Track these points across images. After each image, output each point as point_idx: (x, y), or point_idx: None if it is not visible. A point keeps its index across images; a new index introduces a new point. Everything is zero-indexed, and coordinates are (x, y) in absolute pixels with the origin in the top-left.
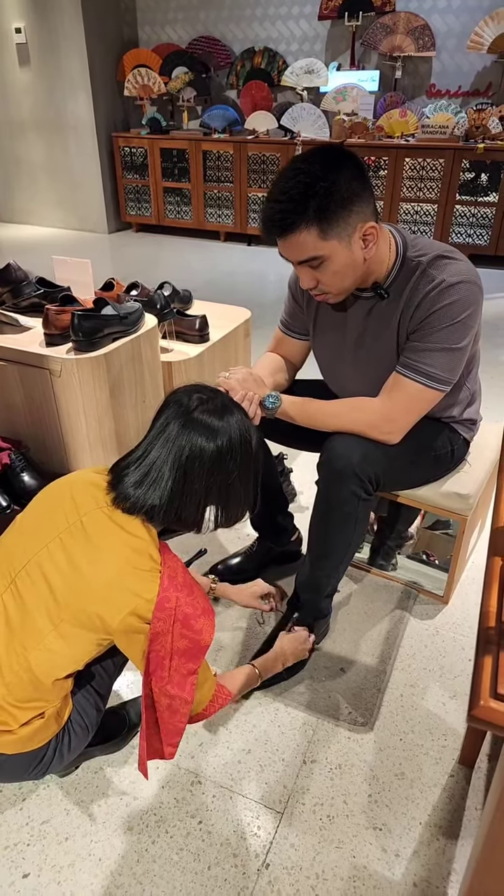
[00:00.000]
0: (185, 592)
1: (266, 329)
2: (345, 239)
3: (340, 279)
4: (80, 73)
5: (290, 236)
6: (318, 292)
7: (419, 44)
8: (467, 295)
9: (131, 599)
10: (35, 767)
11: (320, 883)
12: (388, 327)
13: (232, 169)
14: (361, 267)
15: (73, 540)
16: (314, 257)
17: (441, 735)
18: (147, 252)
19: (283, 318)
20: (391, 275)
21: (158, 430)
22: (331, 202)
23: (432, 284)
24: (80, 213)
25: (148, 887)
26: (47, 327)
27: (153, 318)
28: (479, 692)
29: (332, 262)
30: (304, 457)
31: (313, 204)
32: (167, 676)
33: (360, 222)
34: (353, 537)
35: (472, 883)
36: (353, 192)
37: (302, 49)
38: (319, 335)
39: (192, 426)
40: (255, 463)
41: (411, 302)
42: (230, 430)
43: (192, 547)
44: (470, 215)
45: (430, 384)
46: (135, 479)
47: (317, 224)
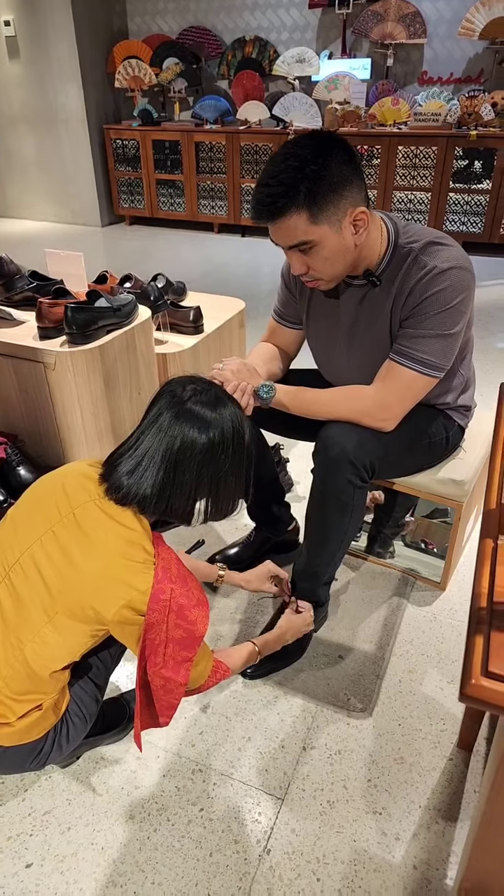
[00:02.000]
0: (179, 584)
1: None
2: (335, 224)
3: (331, 265)
4: (70, 66)
5: (281, 220)
6: (310, 279)
7: (410, 31)
8: (459, 280)
9: (125, 591)
10: (34, 759)
11: (321, 867)
12: (381, 315)
13: (224, 160)
14: (352, 253)
15: (66, 532)
16: (304, 242)
17: (439, 719)
18: (140, 245)
19: (277, 307)
20: (383, 262)
21: (151, 421)
22: (321, 187)
23: (424, 271)
24: (72, 206)
25: (150, 875)
26: (40, 320)
27: (147, 310)
28: (470, 671)
29: (322, 247)
30: (301, 447)
31: (303, 188)
32: (161, 662)
33: (350, 207)
34: (350, 525)
35: (470, 863)
36: (343, 176)
37: (293, 38)
38: (313, 323)
39: (184, 417)
40: (247, 457)
41: (403, 289)
42: (223, 423)
43: (190, 538)
44: (463, 203)
45: (424, 370)
46: (126, 470)
47: (307, 208)
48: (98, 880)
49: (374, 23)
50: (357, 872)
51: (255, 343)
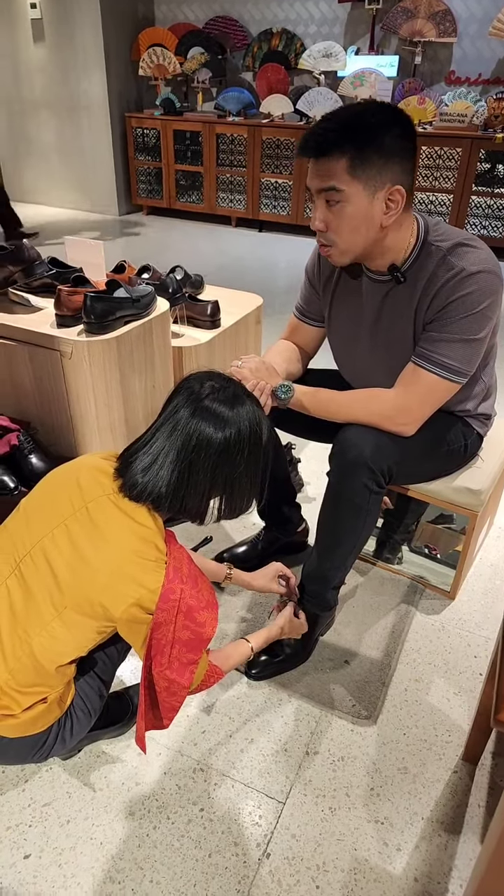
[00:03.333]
0: (189, 584)
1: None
2: (370, 188)
3: (350, 230)
4: (94, 51)
5: (322, 159)
6: (325, 241)
7: (440, 29)
8: (487, 285)
9: (135, 590)
10: (37, 751)
11: (321, 874)
12: (405, 314)
13: (245, 153)
14: (375, 230)
15: (79, 527)
16: (335, 189)
17: (445, 731)
18: (157, 235)
19: (299, 304)
20: (410, 258)
21: (167, 417)
22: (372, 144)
23: (452, 272)
24: (90, 194)
25: (149, 872)
26: (59, 308)
27: (165, 302)
28: None
29: (348, 204)
30: (312, 447)
31: (355, 138)
32: (167, 663)
33: (390, 182)
34: (363, 530)
35: (481, 885)
36: (395, 149)
37: (320, 32)
38: (335, 320)
39: (201, 415)
40: (264, 457)
41: (429, 290)
42: (240, 422)
43: (197, 534)
44: (486, 206)
45: (447, 375)
46: (141, 467)
47: (350, 157)
48: (96, 875)
49: (404, 19)
50: (357, 882)
51: (270, 339)
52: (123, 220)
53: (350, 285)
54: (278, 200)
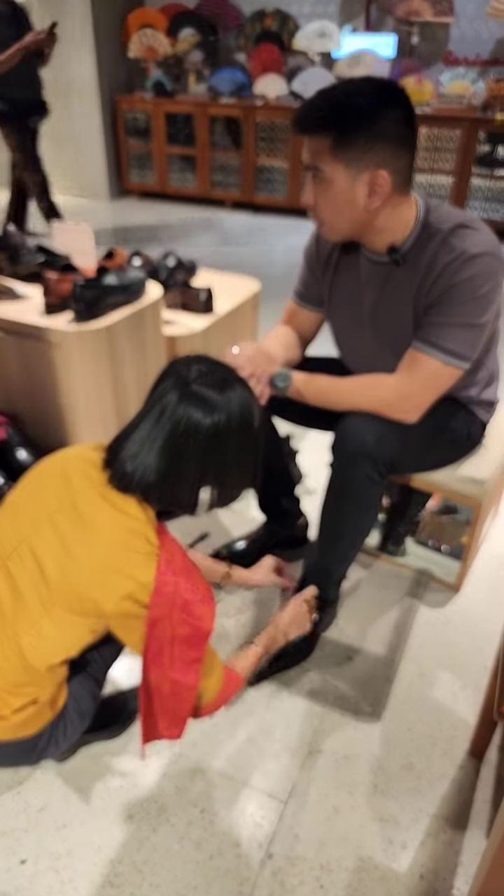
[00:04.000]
0: (184, 577)
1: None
2: (352, 170)
3: (333, 209)
4: (83, 33)
5: (309, 136)
6: (314, 217)
7: (437, 9)
8: (488, 268)
9: (126, 582)
10: (29, 755)
11: (325, 874)
12: (405, 297)
13: (241, 135)
14: (360, 212)
15: (66, 521)
16: (317, 168)
17: (450, 726)
18: (150, 220)
19: (298, 288)
20: (410, 239)
21: (154, 403)
22: (358, 126)
23: (453, 255)
24: (80, 178)
25: (148, 876)
26: (47, 296)
27: (157, 289)
28: None
29: (329, 185)
30: (312, 438)
31: (339, 117)
32: (169, 663)
33: (374, 165)
34: (366, 522)
35: (486, 880)
36: (385, 132)
37: (315, 11)
38: (335, 304)
39: (189, 399)
40: (255, 443)
41: (430, 272)
42: (229, 406)
43: (195, 530)
44: (486, 189)
45: (450, 360)
46: (128, 455)
47: (333, 137)
48: (94, 880)
49: None
50: (362, 881)
51: (268, 325)
52: (115, 205)
53: (349, 268)
54: (274, 184)
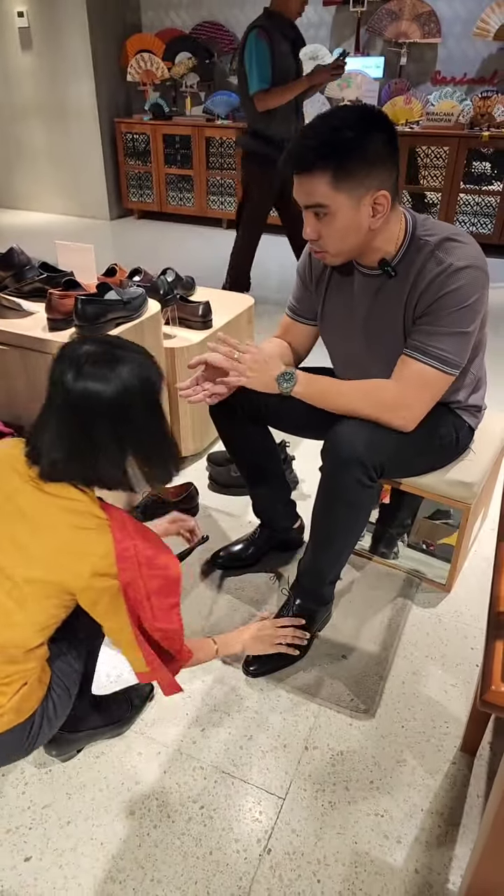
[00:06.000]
0: (139, 537)
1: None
2: (355, 198)
3: (340, 238)
4: (82, 58)
5: (304, 175)
6: (317, 248)
7: (425, 30)
8: (474, 280)
9: (86, 561)
10: (27, 739)
11: (322, 868)
12: (395, 307)
13: (235, 155)
14: (364, 234)
15: (10, 521)
16: (320, 205)
17: (443, 722)
18: (149, 239)
19: (291, 303)
20: (399, 252)
21: (53, 390)
22: (352, 155)
23: (440, 268)
24: (81, 199)
25: (150, 871)
26: (50, 312)
27: (156, 304)
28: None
29: (334, 217)
30: (307, 445)
31: (334, 152)
32: (152, 616)
33: (374, 188)
34: (357, 525)
35: (477, 871)
36: (377, 155)
37: (307, 35)
38: (328, 317)
39: (84, 377)
40: (161, 412)
41: (418, 283)
42: (124, 377)
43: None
44: (474, 204)
45: (443, 368)
46: (44, 446)
47: (332, 171)
48: (97, 876)
49: (389, 21)
50: (358, 875)
51: (263, 339)
52: (115, 225)
53: (342, 282)
54: None
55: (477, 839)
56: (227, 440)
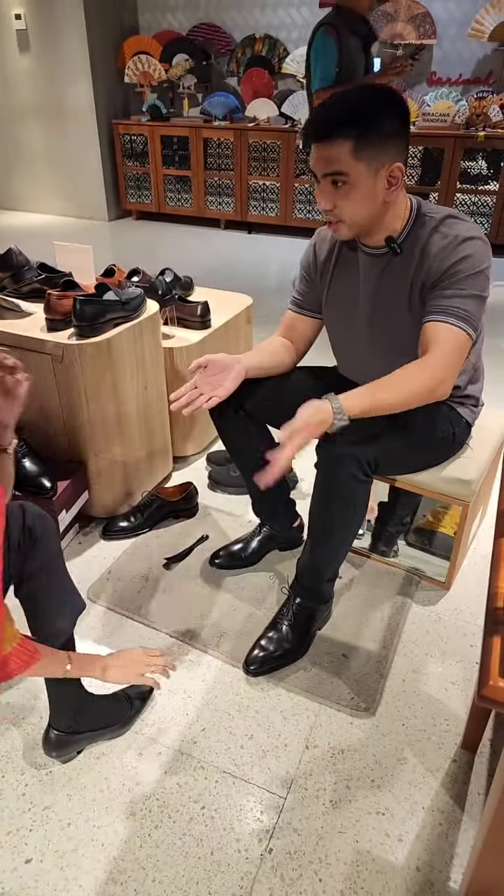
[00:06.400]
0: None
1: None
2: (372, 168)
3: (356, 208)
4: (80, 60)
5: (326, 144)
6: (333, 217)
7: (420, 31)
8: (482, 249)
9: None
10: None
11: (323, 868)
12: (401, 285)
13: (233, 156)
14: (379, 205)
15: None
16: (340, 172)
17: (443, 720)
18: (147, 239)
19: (295, 297)
20: (405, 230)
21: None
22: (372, 127)
23: (446, 241)
24: (79, 200)
25: (151, 872)
26: (49, 312)
27: (155, 304)
28: (488, 672)
29: (353, 186)
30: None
31: (356, 122)
32: None
33: (390, 160)
34: (353, 521)
35: (477, 867)
36: (394, 128)
37: (303, 36)
38: (332, 303)
39: None
40: None
41: (424, 258)
42: None
43: (195, 533)
44: (470, 203)
45: (466, 328)
46: None
47: (353, 141)
48: (98, 877)
49: (385, 22)
50: (359, 873)
51: (261, 338)
52: (113, 225)
53: (347, 267)
54: (266, 202)
55: (477, 835)
56: (227, 439)
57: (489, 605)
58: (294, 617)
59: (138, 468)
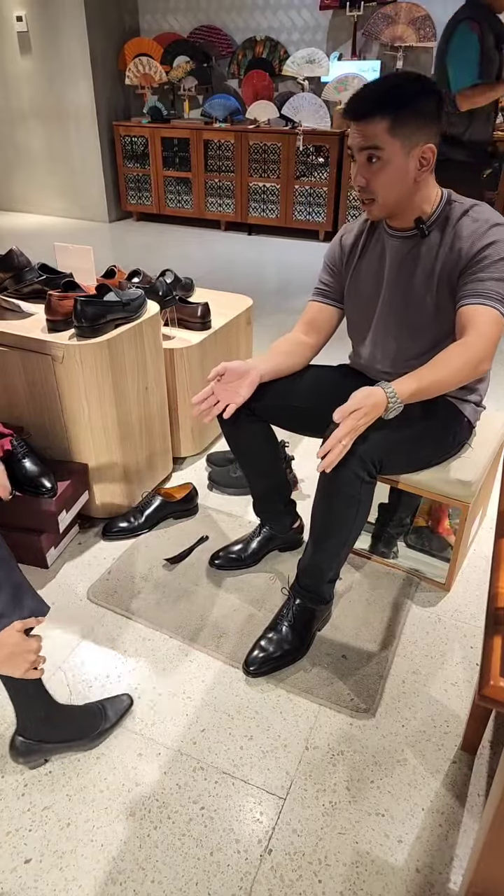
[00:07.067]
0: None
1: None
2: (406, 146)
3: (389, 185)
4: (81, 62)
5: (364, 121)
6: (366, 196)
7: (420, 34)
8: None
9: None
10: None
11: (323, 869)
12: (426, 268)
13: (233, 158)
14: (410, 185)
15: None
16: (375, 147)
17: (443, 721)
18: (148, 241)
19: (318, 288)
20: (435, 213)
21: None
22: (408, 107)
23: (478, 223)
24: (80, 201)
25: (150, 873)
26: (50, 313)
27: (155, 305)
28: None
29: (388, 163)
30: (306, 444)
31: (394, 102)
32: None
33: (423, 141)
34: (356, 520)
35: (478, 868)
36: (429, 111)
37: (303, 39)
38: (354, 282)
39: None
40: None
41: (456, 238)
42: None
43: (195, 534)
44: None
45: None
46: None
47: (390, 119)
48: (97, 878)
49: (385, 25)
50: (359, 875)
51: (261, 340)
52: (114, 227)
53: (374, 250)
54: (266, 204)
55: (477, 836)
56: (231, 438)
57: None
58: (294, 618)
59: (138, 469)
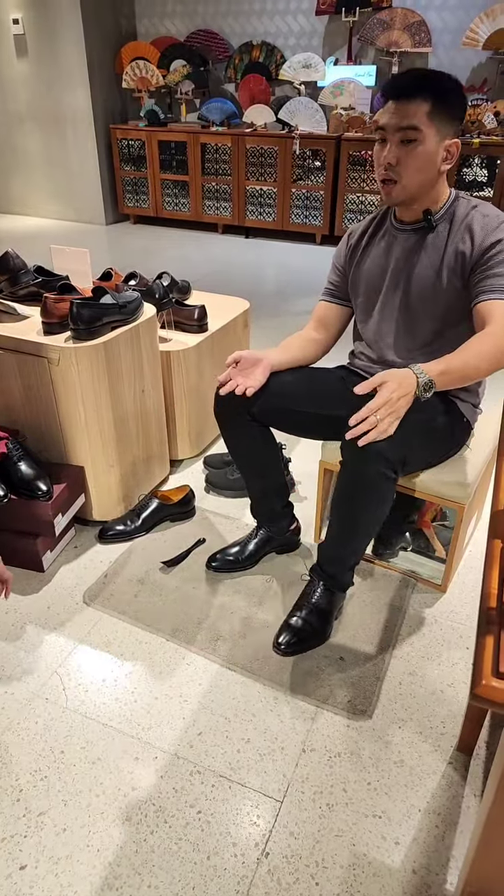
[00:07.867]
0: None
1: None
2: (440, 135)
3: (417, 168)
4: (78, 65)
5: (405, 101)
6: (392, 176)
7: (416, 39)
8: None
9: None
10: None
11: (320, 871)
12: (434, 258)
13: (230, 161)
14: (433, 174)
15: None
16: (414, 127)
17: (439, 723)
18: (144, 243)
19: (327, 288)
20: (444, 207)
21: None
22: (447, 99)
23: (488, 218)
24: (77, 204)
25: (147, 878)
26: (45, 316)
27: (152, 308)
28: (481, 671)
29: (421, 145)
30: (302, 447)
31: (436, 88)
32: None
33: (452, 133)
34: (381, 515)
35: (472, 868)
36: (459, 108)
37: (300, 44)
38: (359, 272)
39: None
40: None
41: (468, 232)
42: None
43: (191, 537)
44: None
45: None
46: None
47: (430, 102)
48: (93, 883)
49: (381, 31)
50: (356, 877)
51: (259, 343)
52: (110, 230)
53: (379, 243)
54: (263, 207)
55: (472, 836)
56: (230, 440)
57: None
58: (319, 599)
59: (135, 471)
